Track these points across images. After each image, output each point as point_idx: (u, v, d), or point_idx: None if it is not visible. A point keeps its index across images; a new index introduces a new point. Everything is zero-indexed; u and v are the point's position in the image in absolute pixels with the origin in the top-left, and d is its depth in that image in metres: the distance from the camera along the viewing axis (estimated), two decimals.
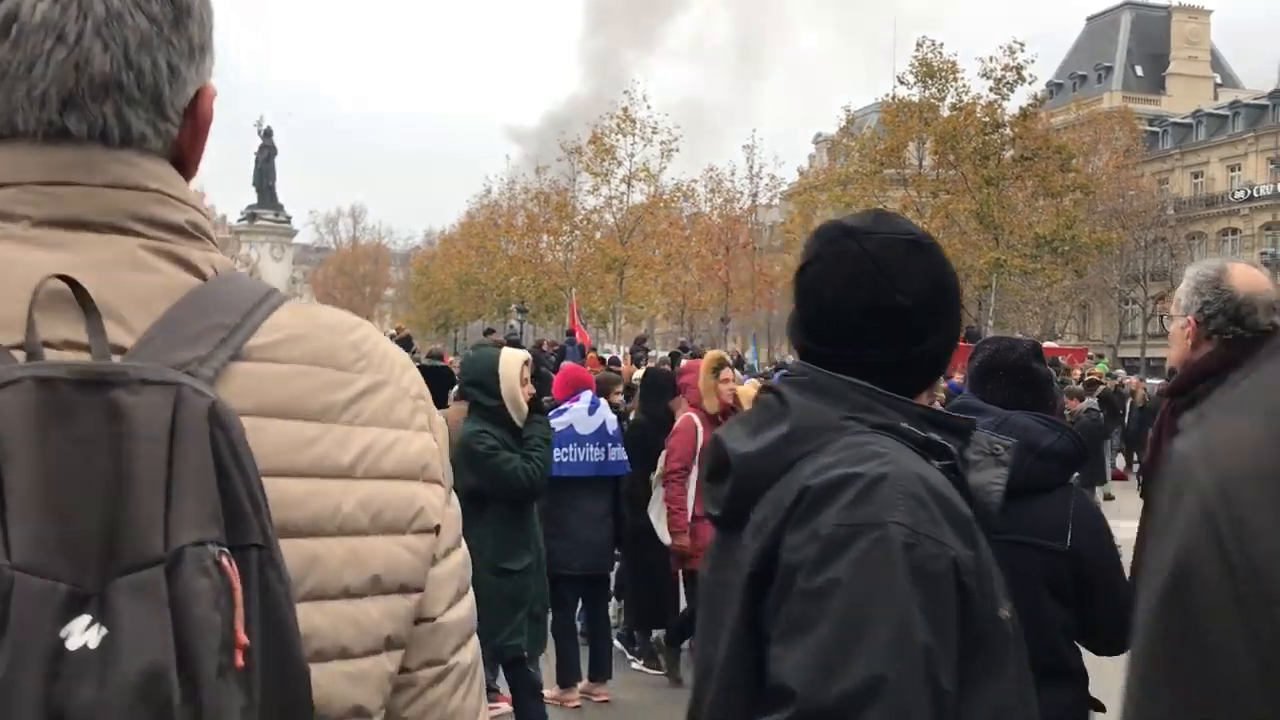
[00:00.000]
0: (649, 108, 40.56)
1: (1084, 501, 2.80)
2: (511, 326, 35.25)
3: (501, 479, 5.15)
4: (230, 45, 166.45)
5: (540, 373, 13.68)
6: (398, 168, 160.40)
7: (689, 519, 6.39)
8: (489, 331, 24.10)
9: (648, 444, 7.17)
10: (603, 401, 6.84)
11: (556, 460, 6.36)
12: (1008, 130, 34.92)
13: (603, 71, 63.13)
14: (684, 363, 9.48)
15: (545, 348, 21.29)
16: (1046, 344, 18.02)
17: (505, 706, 6.20)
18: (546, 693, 6.55)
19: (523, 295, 46.52)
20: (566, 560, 6.44)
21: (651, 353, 20.32)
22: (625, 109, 39.75)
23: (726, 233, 45.79)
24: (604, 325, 42.42)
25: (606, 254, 40.34)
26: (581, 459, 6.46)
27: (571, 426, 6.48)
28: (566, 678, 6.61)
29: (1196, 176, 59.01)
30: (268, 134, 34.69)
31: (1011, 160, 34.86)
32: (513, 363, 5.31)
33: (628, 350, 24.37)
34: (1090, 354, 36.22)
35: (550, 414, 6.62)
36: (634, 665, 7.47)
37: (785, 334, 1.94)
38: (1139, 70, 66.81)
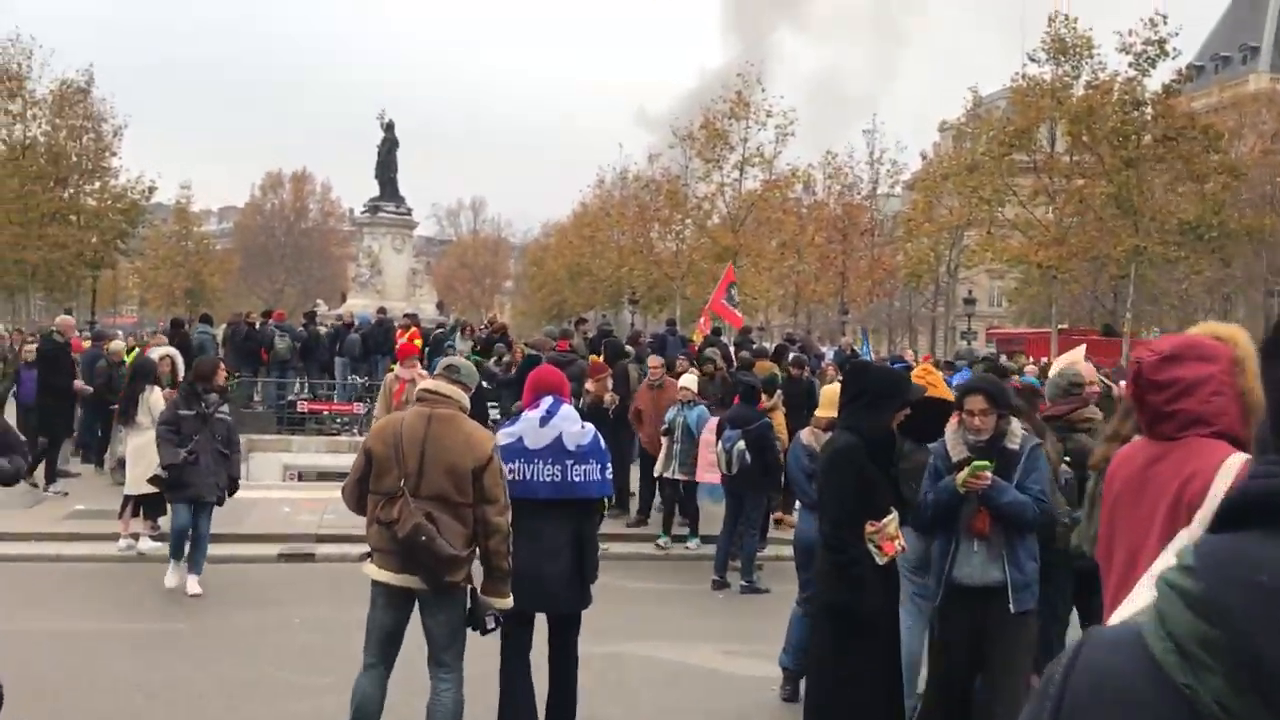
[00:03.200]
0: (764, 91, 39.43)
1: None
2: (604, 316, 34.49)
3: None
4: (352, 35, 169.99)
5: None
6: (522, 159, 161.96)
7: None
8: (580, 321, 23.23)
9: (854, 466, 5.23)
10: (565, 409, 5.62)
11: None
12: (1148, 109, 32.58)
13: (746, 44, 61.99)
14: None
15: (641, 340, 20.32)
16: None
17: None
18: None
19: (633, 286, 45.79)
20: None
21: (757, 345, 19.19)
22: (739, 92, 38.66)
23: (844, 220, 44.26)
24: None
25: (718, 243, 39.26)
26: (529, 478, 5.40)
27: (520, 439, 5.46)
28: None
29: None
30: (389, 127, 34.84)
31: (1153, 141, 32.51)
32: None
33: (733, 343, 23.26)
34: None
35: (506, 423, 5.84)
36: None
37: None
38: None
